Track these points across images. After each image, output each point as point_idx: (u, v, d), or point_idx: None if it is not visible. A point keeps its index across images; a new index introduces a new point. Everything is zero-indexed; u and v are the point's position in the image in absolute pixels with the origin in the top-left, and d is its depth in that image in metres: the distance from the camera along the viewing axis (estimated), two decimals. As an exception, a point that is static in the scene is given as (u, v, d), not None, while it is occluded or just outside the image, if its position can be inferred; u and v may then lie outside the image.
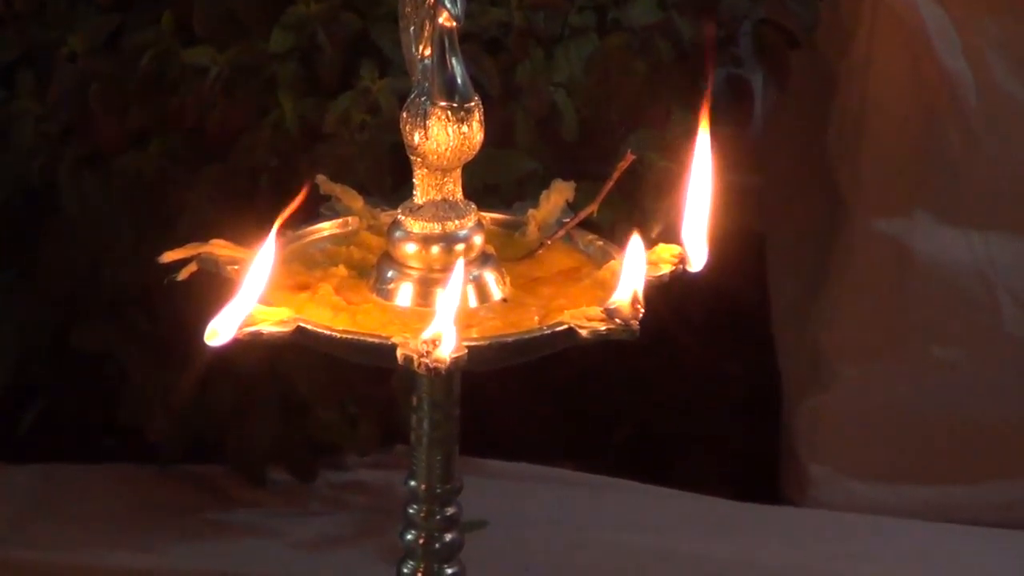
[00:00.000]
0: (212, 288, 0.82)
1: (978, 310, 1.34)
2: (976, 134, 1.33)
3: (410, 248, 0.85)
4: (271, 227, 0.81)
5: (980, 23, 1.34)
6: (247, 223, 0.85)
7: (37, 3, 1.28)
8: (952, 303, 1.34)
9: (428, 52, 0.85)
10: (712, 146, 0.85)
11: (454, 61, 0.85)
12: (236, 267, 0.84)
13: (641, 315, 0.79)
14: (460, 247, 0.85)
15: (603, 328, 0.79)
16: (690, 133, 0.86)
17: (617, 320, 0.78)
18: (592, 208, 0.90)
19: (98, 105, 1.19)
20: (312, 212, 0.90)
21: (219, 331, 0.80)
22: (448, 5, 0.84)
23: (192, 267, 0.89)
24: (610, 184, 0.89)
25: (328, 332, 0.82)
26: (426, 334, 0.77)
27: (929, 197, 1.35)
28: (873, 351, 1.36)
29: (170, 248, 0.84)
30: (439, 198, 0.86)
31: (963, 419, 1.35)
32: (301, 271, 0.88)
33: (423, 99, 0.85)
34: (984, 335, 1.33)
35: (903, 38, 1.35)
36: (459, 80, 0.85)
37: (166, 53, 1.17)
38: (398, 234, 0.85)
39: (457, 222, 0.86)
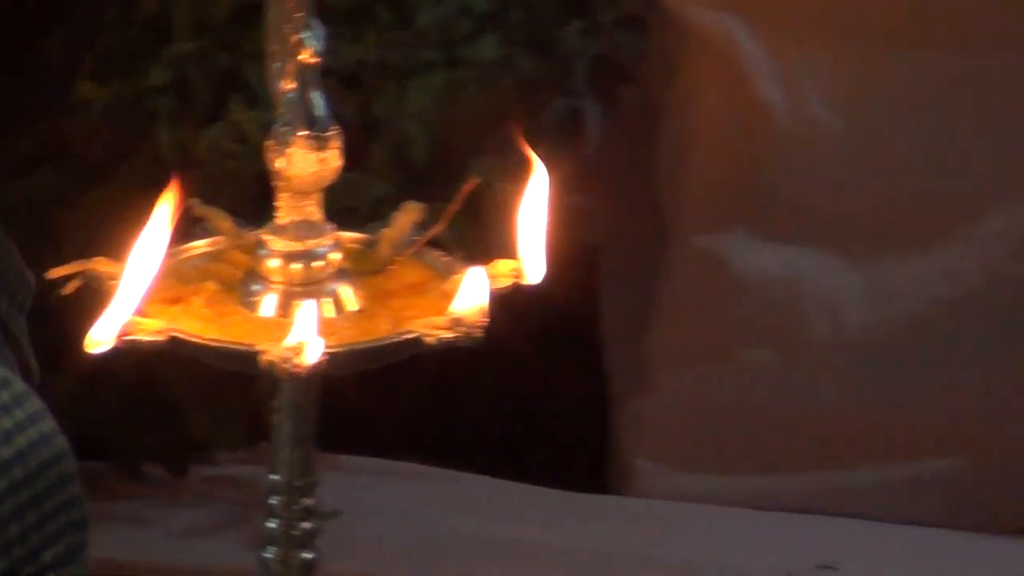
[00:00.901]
0: (96, 301, 0.92)
1: (788, 317, 1.45)
2: (787, 157, 1.44)
3: (273, 264, 0.95)
4: (144, 245, 0.92)
5: (793, 56, 1.45)
6: (130, 242, 0.96)
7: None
8: (765, 311, 1.46)
9: (292, 86, 0.97)
10: (548, 169, 0.93)
11: (315, 94, 0.96)
12: (115, 282, 0.95)
13: (484, 323, 0.91)
14: (319, 263, 0.95)
15: (448, 335, 0.92)
16: (528, 159, 0.98)
17: (460, 328, 0.91)
18: (439, 227, 0.99)
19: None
20: (186, 233, 1.01)
21: (98, 340, 0.91)
22: (310, 43, 0.97)
23: (76, 282, 0.99)
24: (455, 206, 0.99)
25: (198, 341, 0.93)
26: (288, 342, 0.88)
27: (745, 215, 1.46)
28: (694, 355, 1.46)
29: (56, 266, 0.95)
30: (300, 219, 0.95)
31: (774, 416, 1.47)
32: (175, 285, 0.95)
33: (286, 129, 0.97)
34: (793, 339, 1.45)
35: (723, 70, 1.45)
36: (319, 112, 0.95)
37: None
38: (262, 252, 0.95)
39: (316, 241, 0.95)
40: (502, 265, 0.93)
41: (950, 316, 1.46)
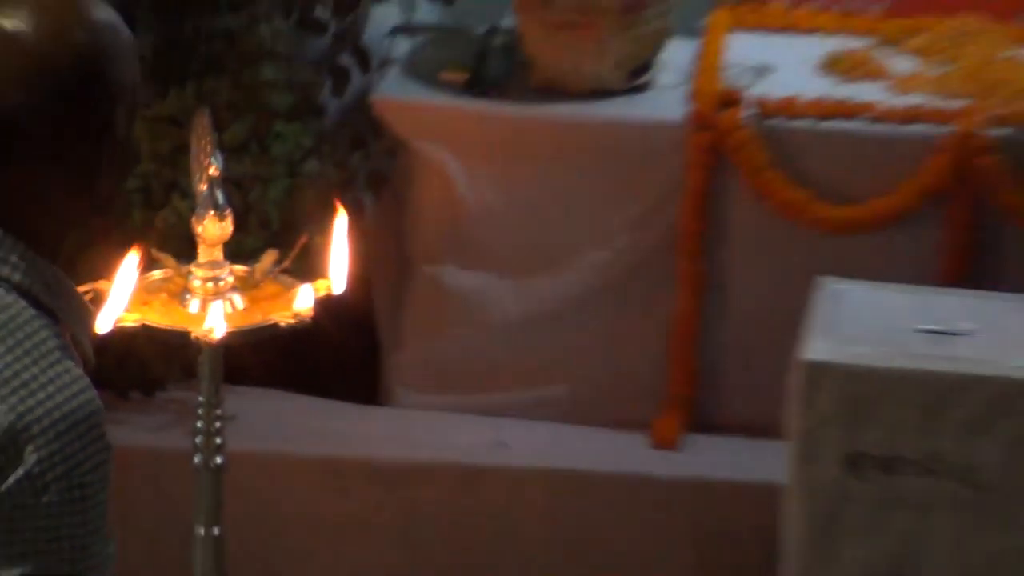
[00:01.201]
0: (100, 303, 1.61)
1: (479, 311, 2.41)
2: (475, 222, 2.38)
3: (196, 284, 1.68)
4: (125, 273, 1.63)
5: (478, 168, 2.41)
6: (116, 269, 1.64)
7: None
8: (465, 308, 2.42)
9: (204, 187, 1.69)
10: (346, 228, 1.72)
11: (218, 191, 1.68)
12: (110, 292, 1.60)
13: (309, 315, 1.66)
14: (222, 283, 1.68)
15: (290, 321, 1.66)
16: (336, 224, 1.78)
17: (297, 317, 1.66)
18: (286, 263, 1.76)
19: None
20: (148, 266, 1.72)
21: (103, 324, 1.54)
22: (214, 163, 1.69)
23: (90, 294, 1.54)
24: (295, 251, 1.77)
25: (157, 325, 1.65)
26: (206, 325, 1.61)
27: (453, 254, 2.41)
28: (426, 332, 2.44)
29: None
30: (211, 259, 1.69)
31: (477, 362, 2.41)
32: (144, 295, 1.69)
33: (202, 211, 1.68)
34: (483, 322, 2.42)
35: (438, 176, 2.39)
36: (220, 201, 1.68)
37: None
38: (191, 277, 1.70)
39: (220, 271, 1.67)
40: (320, 283, 1.72)
41: (572, 308, 2.43)
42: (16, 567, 1.28)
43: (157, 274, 1.74)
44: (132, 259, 1.62)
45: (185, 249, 1.80)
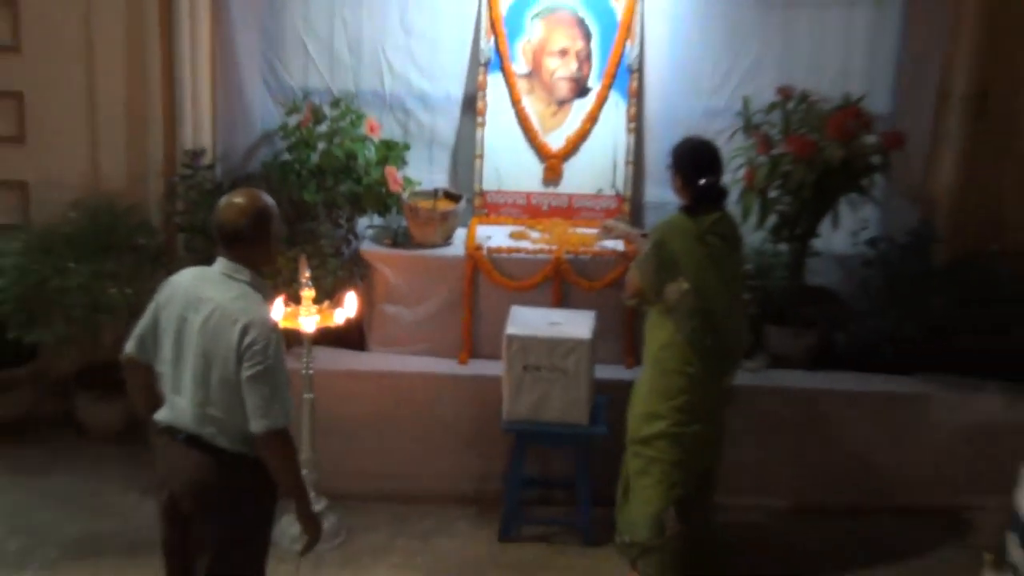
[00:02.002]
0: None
1: (396, 320, 7.03)
2: (394, 289, 6.98)
3: (302, 309, 6.56)
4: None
5: (398, 274, 6.98)
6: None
7: None
8: (394, 318, 7.03)
9: (304, 278, 6.51)
10: (354, 294, 6.48)
11: (309, 281, 6.52)
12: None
13: (344, 321, 6.47)
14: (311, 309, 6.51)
15: (339, 324, 6.50)
16: None
17: (341, 323, 6.48)
18: (335, 304, 6.55)
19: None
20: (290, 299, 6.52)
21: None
22: (307, 271, 6.50)
23: None
24: (337, 300, 6.48)
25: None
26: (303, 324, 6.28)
27: (391, 300, 7.07)
28: (381, 325, 7.04)
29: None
30: (307, 301, 6.42)
31: (404, 337, 7.02)
32: (287, 311, 6.55)
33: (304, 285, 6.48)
34: (401, 325, 7.05)
35: (382, 276, 6.98)
36: (309, 284, 6.47)
37: None
38: (302, 306, 6.51)
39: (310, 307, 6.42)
40: (345, 310, 6.59)
41: (434, 314, 6.98)
42: (260, 419, 4.45)
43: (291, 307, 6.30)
44: (279, 299, 6.09)
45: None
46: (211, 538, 4.60)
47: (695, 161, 5.41)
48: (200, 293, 4.53)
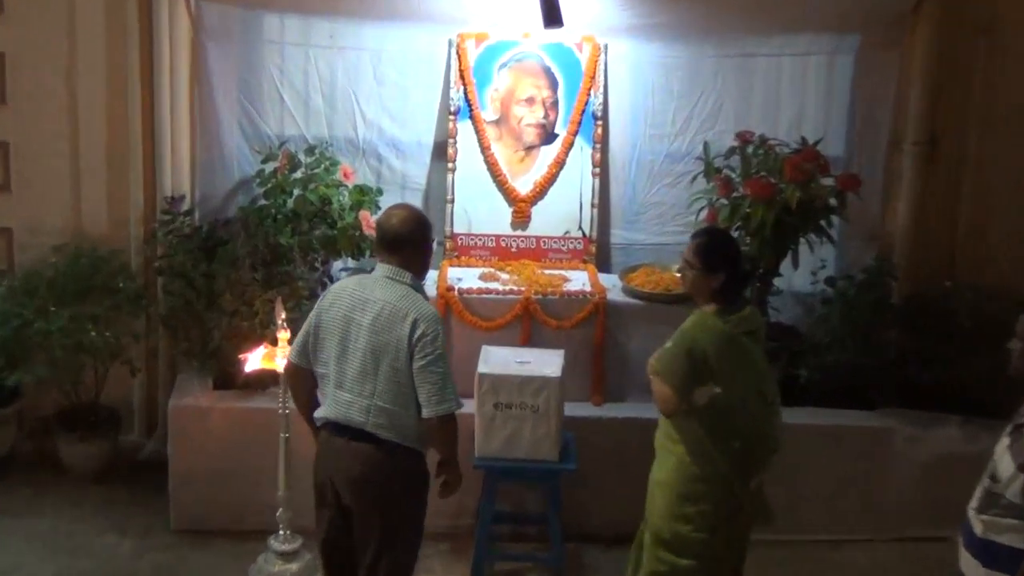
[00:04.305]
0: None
1: None
2: None
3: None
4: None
5: None
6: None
7: None
8: None
9: (280, 319, 6.71)
10: None
11: (284, 322, 6.65)
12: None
13: None
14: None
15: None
16: None
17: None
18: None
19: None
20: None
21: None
22: (283, 312, 6.68)
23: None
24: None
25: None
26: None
27: None
28: None
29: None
30: None
31: None
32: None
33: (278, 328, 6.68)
34: None
35: None
36: (285, 325, 6.66)
37: None
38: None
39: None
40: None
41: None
42: (434, 405, 4.85)
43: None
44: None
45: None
46: (376, 531, 4.82)
47: (733, 255, 5.14)
48: (367, 295, 4.96)
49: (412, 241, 5.00)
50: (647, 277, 6.87)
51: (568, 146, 7.05)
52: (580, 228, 7.15)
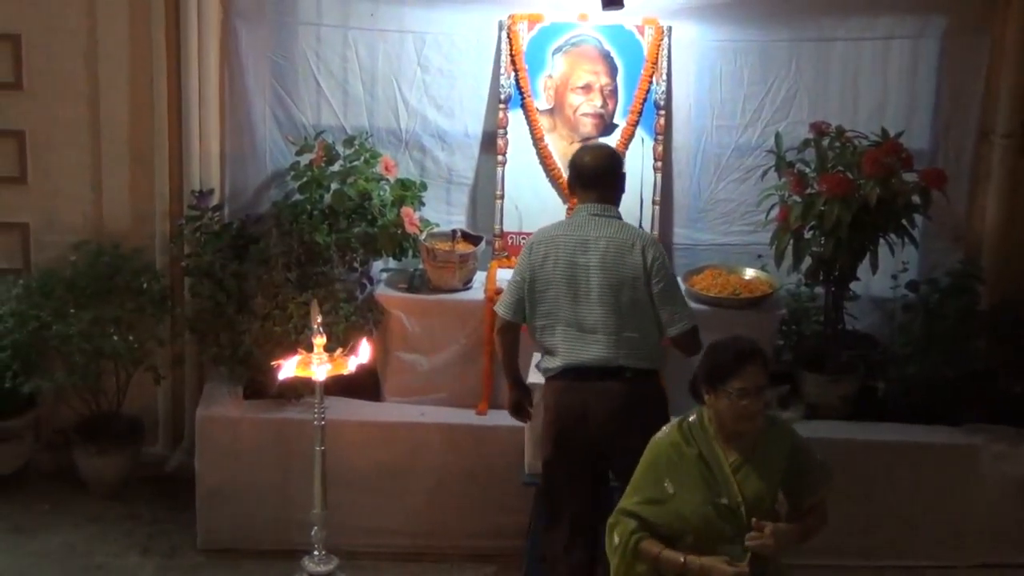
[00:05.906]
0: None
1: (413, 368, 6.71)
2: (411, 337, 6.67)
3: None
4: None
5: (412, 317, 6.72)
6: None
7: None
8: (411, 366, 6.74)
9: (316, 323, 6.22)
10: (368, 340, 6.18)
11: (320, 328, 6.20)
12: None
13: (356, 368, 6.17)
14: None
15: (351, 371, 6.23)
16: None
17: (354, 369, 6.18)
18: (349, 351, 6.26)
19: None
20: None
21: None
22: (319, 317, 6.21)
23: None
24: (351, 347, 6.27)
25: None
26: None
27: (404, 347, 6.75)
28: (397, 375, 6.76)
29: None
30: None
31: (420, 386, 6.74)
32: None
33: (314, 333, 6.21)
34: (416, 373, 6.74)
35: (397, 322, 6.75)
36: (321, 331, 6.18)
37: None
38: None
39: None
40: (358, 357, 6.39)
41: (450, 361, 6.76)
42: (678, 323, 5.27)
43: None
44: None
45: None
46: (634, 456, 4.72)
47: None
48: (583, 235, 5.28)
49: (609, 173, 5.39)
50: (713, 280, 6.51)
51: (628, 138, 6.65)
52: (640, 226, 6.65)
